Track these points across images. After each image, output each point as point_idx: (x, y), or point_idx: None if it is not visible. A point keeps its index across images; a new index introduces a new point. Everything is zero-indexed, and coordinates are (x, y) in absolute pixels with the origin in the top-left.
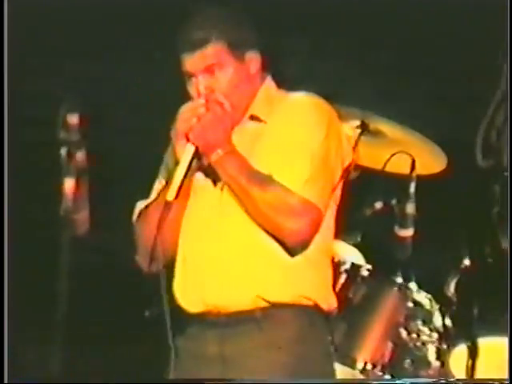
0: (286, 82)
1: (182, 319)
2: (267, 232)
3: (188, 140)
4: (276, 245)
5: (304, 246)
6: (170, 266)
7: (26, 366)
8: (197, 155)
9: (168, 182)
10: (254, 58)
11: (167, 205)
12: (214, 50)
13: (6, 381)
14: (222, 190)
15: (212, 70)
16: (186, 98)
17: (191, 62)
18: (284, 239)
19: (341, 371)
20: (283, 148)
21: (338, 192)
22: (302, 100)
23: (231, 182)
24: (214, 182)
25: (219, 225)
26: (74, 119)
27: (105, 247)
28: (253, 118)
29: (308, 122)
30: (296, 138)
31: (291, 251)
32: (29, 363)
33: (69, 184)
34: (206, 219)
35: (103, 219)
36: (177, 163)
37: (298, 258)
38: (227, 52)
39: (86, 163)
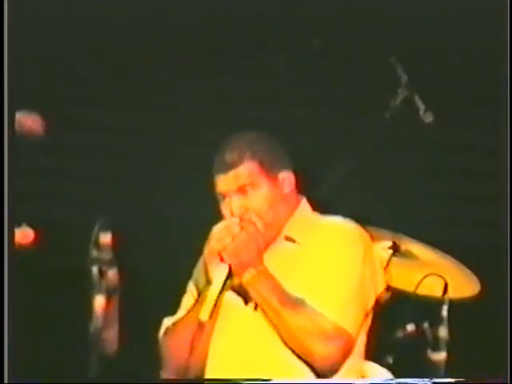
0: (320, 205)
1: None
2: (297, 355)
3: (221, 259)
4: (305, 369)
5: (333, 371)
6: None
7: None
8: (230, 274)
9: (198, 301)
10: (287, 178)
11: (200, 324)
12: (247, 170)
13: (6, 381)
14: (255, 309)
15: (245, 190)
16: (218, 218)
17: (224, 182)
18: (314, 363)
19: None
20: (318, 271)
21: (370, 318)
22: (337, 224)
23: (263, 302)
24: (246, 302)
25: (249, 344)
26: (106, 238)
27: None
28: (288, 239)
29: (343, 247)
30: (331, 262)
31: (321, 375)
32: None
33: (99, 302)
34: (236, 338)
35: (131, 337)
36: (209, 282)
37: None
38: (260, 172)
39: (118, 281)
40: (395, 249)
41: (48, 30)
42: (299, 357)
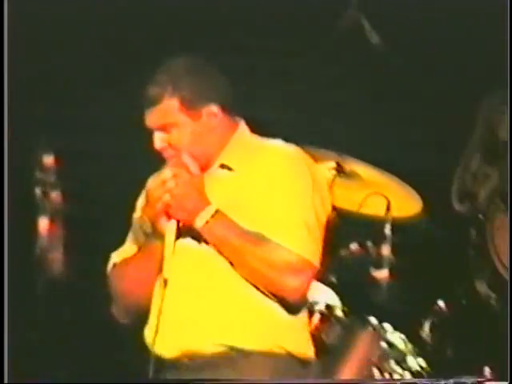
0: (259, 127)
1: (157, 365)
2: (266, 292)
3: (168, 216)
4: (257, 297)
5: (303, 303)
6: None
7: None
8: (180, 228)
9: (145, 245)
10: (212, 112)
11: (151, 267)
12: (166, 109)
13: (6, 381)
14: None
15: (167, 128)
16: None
17: (149, 117)
18: (286, 297)
19: None
20: (270, 203)
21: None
22: (280, 149)
23: (221, 243)
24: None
25: (198, 277)
26: (49, 160)
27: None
28: (223, 166)
29: (292, 174)
30: (283, 191)
31: (291, 309)
32: None
33: (43, 223)
34: (184, 272)
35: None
36: (158, 235)
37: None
38: (181, 109)
39: (61, 203)
40: (339, 169)
41: (47, 29)
42: (267, 291)
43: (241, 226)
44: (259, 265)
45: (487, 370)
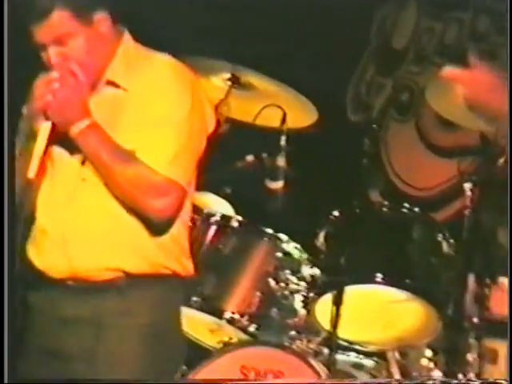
0: (146, 37)
1: (41, 282)
2: (130, 208)
3: (46, 116)
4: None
5: (169, 224)
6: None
7: None
8: (55, 130)
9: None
10: (102, 19)
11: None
12: (59, 20)
13: (6, 381)
14: (82, 164)
15: (62, 40)
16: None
17: (39, 32)
18: (148, 218)
19: (207, 321)
20: (146, 122)
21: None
22: (163, 67)
23: (92, 156)
24: (73, 154)
25: (80, 197)
26: None
27: None
28: (110, 83)
29: (171, 94)
30: (160, 112)
31: (157, 230)
32: None
33: None
34: (66, 190)
35: None
36: (33, 138)
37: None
38: (73, 18)
39: None
40: (234, 81)
41: None
42: (132, 210)
43: (116, 142)
44: (127, 184)
45: (379, 276)
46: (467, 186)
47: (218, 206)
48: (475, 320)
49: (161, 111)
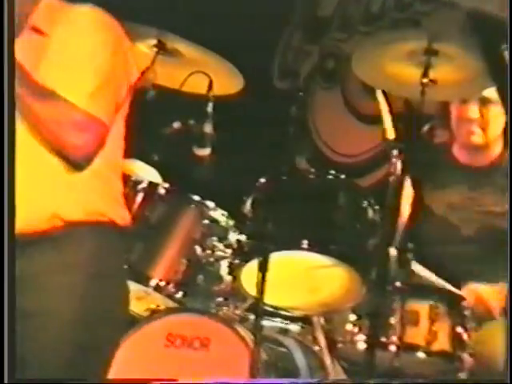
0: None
1: None
2: (50, 147)
3: None
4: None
5: (88, 160)
6: None
7: None
8: None
9: None
10: None
11: None
12: None
13: (6, 381)
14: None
15: None
16: None
17: None
18: (67, 154)
19: (134, 289)
20: (67, 63)
21: (126, 108)
22: (87, 14)
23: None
24: None
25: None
26: None
27: None
28: (34, 29)
29: (94, 38)
30: (81, 53)
31: (75, 166)
32: None
33: None
34: None
35: None
36: None
37: (86, 173)
38: None
39: None
40: (160, 47)
41: None
42: (52, 149)
43: (35, 79)
44: (47, 122)
45: (305, 243)
46: (392, 152)
47: (145, 173)
48: (398, 284)
49: (82, 52)
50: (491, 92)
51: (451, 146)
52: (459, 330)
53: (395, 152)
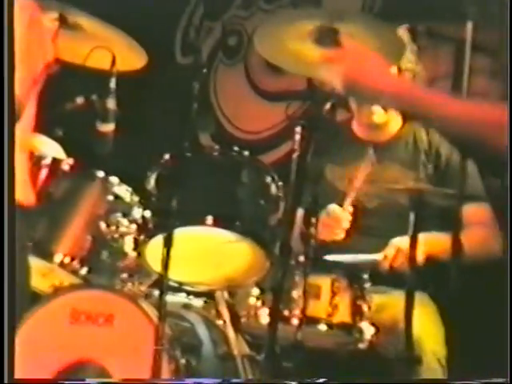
0: None
1: None
2: None
3: None
4: None
5: None
6: None
7: None
8: None
9: None
10: None
11: None
12: None
13: (5, 381)
14: None
15: None
16: None
17: None
18: None
19: (38, 265)
20: None
21: (39, 86)
22: None
23: None
24: None
25: None
26: None
27: None
28: None
29: (9, 15)
30: None
31: None
32: None
33: None
34: None
35: None
36: None
37: None
38: None
39: None
40: (62, 21)
41: None
42: None
43: None
44: None
45: (210, 219)
46: (296, 129)
47: (49, 148)
48: (301, 258)
49: None
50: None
51: (351, 124)
52: (359, 302)
53: (298, 129)
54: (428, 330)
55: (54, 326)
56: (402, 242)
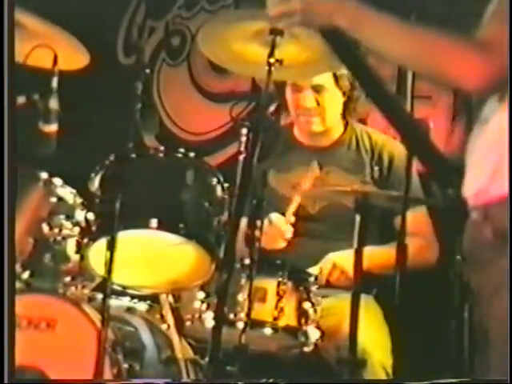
0: None
1: None
2: None
3: None
4: None
5: None
6: None
7: None
8: None
9: None
10: None
11: None
12: None
13: (6, 381)
14: None
15: None
16: None
17: None
18: None
19: None
20: None
21: None
22: None
23: None
24: None
25: None
26: None
27: None
28: None
29: None
30: None
31: None
32: None
33: None
34: None
35: None
36: None
37: None
38: None
39: None
40: None
41: None
42: None
43: None
44: None
45: (154, 221)
46: (242, 131)
47: None
48: (246, 261)
49: None
50: (324, 78)
51: (293, 129)
52: (306, 305)
53: (244, 131)
54: (373, 334)
55: None
56: (337, 257)
